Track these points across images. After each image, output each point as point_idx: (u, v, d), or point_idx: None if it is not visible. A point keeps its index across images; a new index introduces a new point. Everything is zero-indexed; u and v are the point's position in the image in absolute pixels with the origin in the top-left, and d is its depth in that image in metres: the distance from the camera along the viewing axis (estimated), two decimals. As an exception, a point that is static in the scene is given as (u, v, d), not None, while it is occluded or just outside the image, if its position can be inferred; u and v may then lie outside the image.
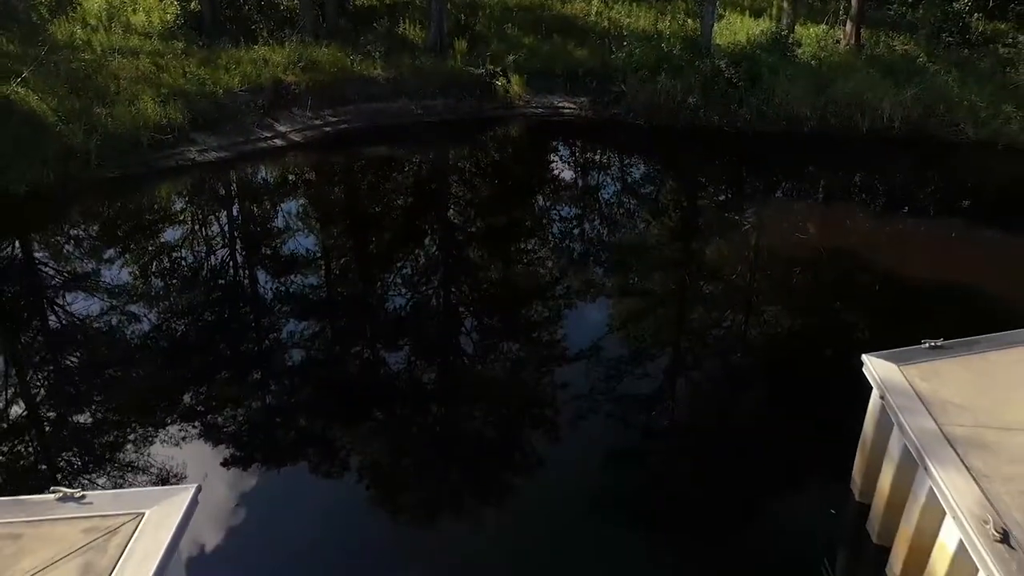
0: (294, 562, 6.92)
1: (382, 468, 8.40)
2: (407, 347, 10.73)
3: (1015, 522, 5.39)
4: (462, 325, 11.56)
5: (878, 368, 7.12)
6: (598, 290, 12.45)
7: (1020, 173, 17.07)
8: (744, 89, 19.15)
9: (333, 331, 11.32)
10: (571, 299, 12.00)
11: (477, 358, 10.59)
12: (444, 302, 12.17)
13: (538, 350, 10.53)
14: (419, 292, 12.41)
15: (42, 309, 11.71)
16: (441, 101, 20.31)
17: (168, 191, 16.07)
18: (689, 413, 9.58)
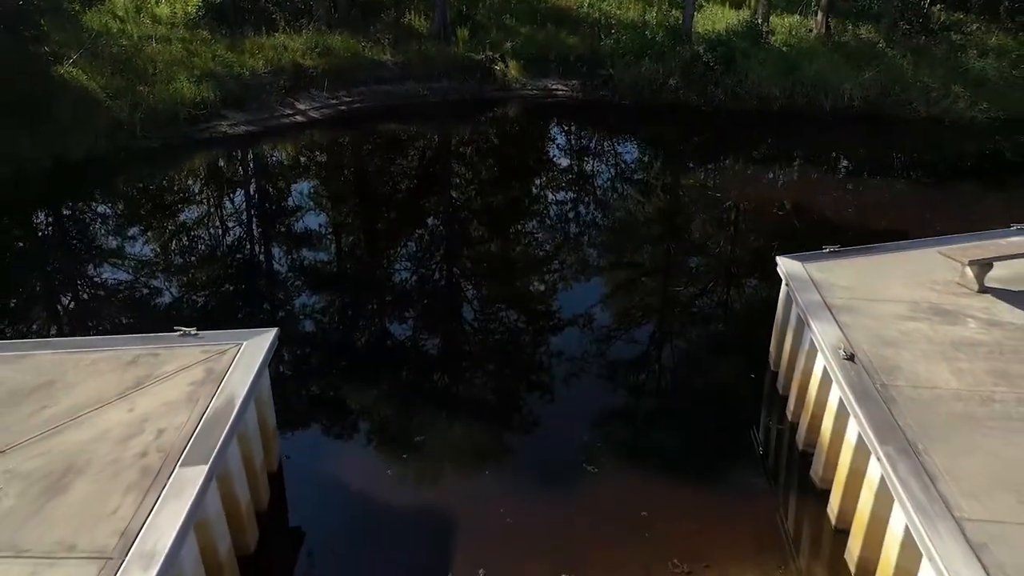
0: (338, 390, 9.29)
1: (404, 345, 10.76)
2: (415, 267, 13.13)
3: (861, 350, 7.73)
4: (462, 255, 13.93)
5: (786, 265, 9.47)
6: (584, 237, 14.82)
7: (961, 145, 19.43)
8: (720, 72, 21.54)
9: (350, 264, 13.71)
10: (560, 244, 14.37)
11: (475, 273, 12.97)
12: (446, 243, 14.55)
13: (527, 277, 12.92)
14: (426, 235, 14.83)
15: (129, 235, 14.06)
16: (445, 83, 22.72)
17: (205, 159, 18.47)
18: (652, 320, 11.91)
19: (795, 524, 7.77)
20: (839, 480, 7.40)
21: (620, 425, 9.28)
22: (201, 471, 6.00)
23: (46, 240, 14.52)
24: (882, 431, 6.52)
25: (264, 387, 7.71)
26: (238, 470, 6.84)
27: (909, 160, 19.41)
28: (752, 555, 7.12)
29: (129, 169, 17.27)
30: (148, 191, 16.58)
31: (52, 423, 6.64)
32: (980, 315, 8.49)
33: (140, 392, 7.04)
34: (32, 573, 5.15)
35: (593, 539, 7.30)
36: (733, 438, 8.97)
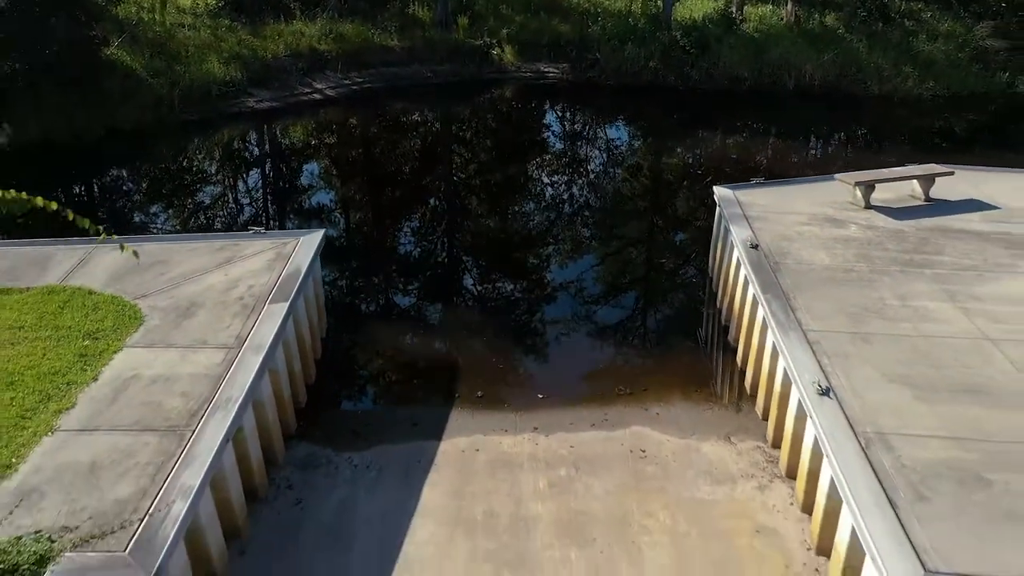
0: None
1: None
2: (422, 195, 16.00)
3: (764, 243, 10.52)
4: (462, 206, 16.76)
5: (719, 191, 12.28)
6: (571, 190, 17.65)
7: (905, 117, 22.20)
8: (695, 55, 24.36)
9: (367, 195, 16.56)
10: (550, 198, 17.20)
11: (473, 202, 15.82)
12: (448, 198, 17.38)
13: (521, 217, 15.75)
14: (431, 191, 17.68)
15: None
16: (447, 67, 25.53)
17: (242, 128, 21.34)
18: (628, 240, 14.73)
19: (713, 367, 10.63)
20: (741, 331, 10.24)
21: (590, 306, 12.17)
22: (283, 306, 8.83)
23: (142, 180, 17.68)
24: (767, 287, 9.34)
25: (317, 269, 10.53)
26: (303, 316, 9.66)
27: (857, 129, 22.21)
28: (680, 384, 9.95)
29: (177, 136, 20.07)
30: (202, 151, 19.54)
31: (172, 282, 9.48)
32: (860, 222, 11.33)
33: (231, 265, 9.87)
34: (183, 354, 7.98)
35: (560, 376, 10.16)
36: (678, 318, 11.88)
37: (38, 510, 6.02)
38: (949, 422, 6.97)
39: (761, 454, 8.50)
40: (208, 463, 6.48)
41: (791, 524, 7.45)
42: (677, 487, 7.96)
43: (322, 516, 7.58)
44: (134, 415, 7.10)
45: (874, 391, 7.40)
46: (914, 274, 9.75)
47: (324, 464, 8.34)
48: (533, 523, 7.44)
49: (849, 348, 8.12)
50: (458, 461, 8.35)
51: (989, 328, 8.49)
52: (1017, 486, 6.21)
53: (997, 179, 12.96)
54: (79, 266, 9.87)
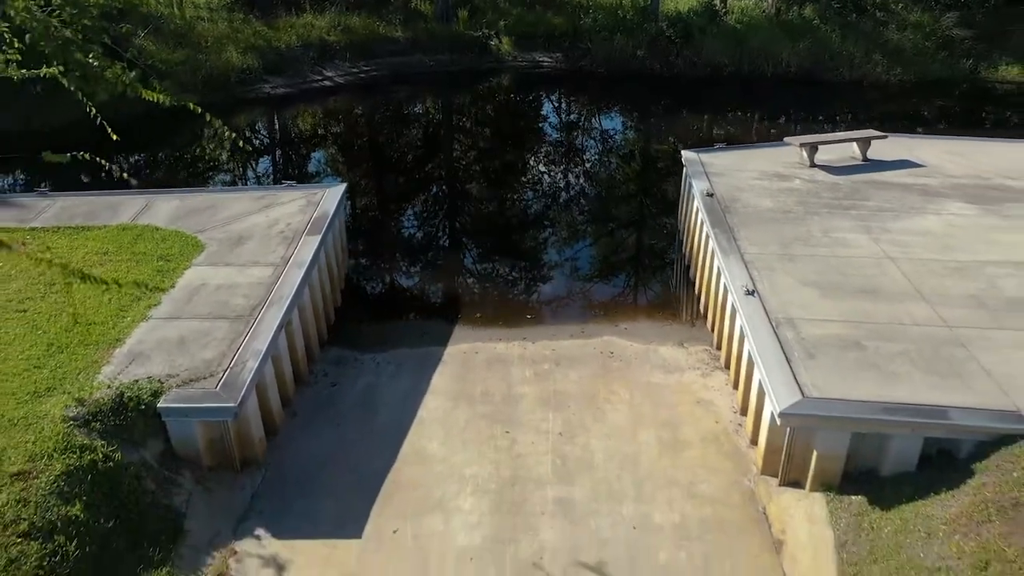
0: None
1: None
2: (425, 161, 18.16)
3: (719, 193, 12.64)
4: (462, 173, 18.92)
5: (686, 154, 14.41)
6: (563, 161, 19.81)
7: (875, 101, 24.30)
8: (680, 45, 26.52)
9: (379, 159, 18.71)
10: (544, 168, 19.36)
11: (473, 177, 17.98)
12: (449, 166, 19.54)
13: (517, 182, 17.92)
14: (434, 160, 19.84)
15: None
16: (448, 56, 27.71)
17: (256, 112, 23.51)
18: (615, 199, 16.87)
19: (675, 294, 12.79)
20: (697, 264, 12.38)
21: (575, 249, 14.39)
22: (317, 238, 10.97)
23: (185, 149, 19.99)
24: (717, 224, 11.47)
25: (341, 214, 12.66)
26: (331, 249, 11.81)
27: (829, 110, 24.33)
28: (647, 308, 12.12)
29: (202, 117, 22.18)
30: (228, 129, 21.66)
31: (223, 222, 11.63)
32: (804, 177, 13.47)
33: (270, 209, 12.02)
34: (240, 270, 10.12)
35: (546, 303, 12.31)
36: (649, 258, 14.11)
37: (147, 366, 8.16)
38: (843, 311, 9.10)
39: (707, 354, 10.62)
40: (269, 338, 8.62)
41: (724, 398, 9.58)
42: (636, 375, 10.08)
43: (353, 394, 9.71)
44: (207, 309, 9.25)
45: (789, 292, 9.54)
46: (840, 214, 11.89)
47: (352, 361, 10.47)
48: (520, 398, 9.57)
49: (775, 265, 10.25)
50: (461, 359, 10.47)
51: (891, 250, 10.63)
52: (883, 350, 8.33)
53: (928, 144, 15.11)
54: (143, 211, 12.03)
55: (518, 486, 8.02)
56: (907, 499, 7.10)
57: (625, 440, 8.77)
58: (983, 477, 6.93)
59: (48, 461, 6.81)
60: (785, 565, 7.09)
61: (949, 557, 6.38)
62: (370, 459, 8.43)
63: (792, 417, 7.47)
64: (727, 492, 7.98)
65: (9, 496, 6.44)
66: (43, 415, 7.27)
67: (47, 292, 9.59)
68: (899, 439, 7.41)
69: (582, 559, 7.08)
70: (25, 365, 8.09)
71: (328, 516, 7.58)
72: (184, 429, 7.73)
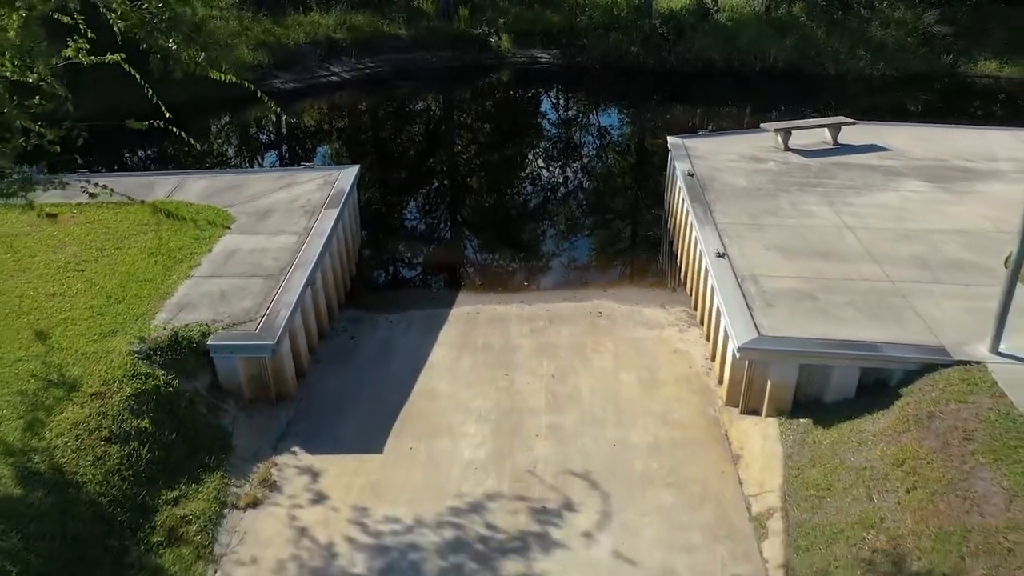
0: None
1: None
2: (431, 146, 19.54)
3: (699, 173, 14.02)
4: (464, 168, 20.30)
5: (671, 139, 15.80)
6: (560, 150, 21.20)
7: (859, 94, 25.70)
8: (672, 41, 27.93)
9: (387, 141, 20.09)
10: (543, 156, 20.75)
11: (473, 162, 19.36)
12: (452, 163, 20.92)
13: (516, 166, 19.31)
14: (437, 148, 21.24)
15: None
16: (449, 53, 29.11)
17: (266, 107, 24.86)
18: (611, 180, 18.26)
19: (659, 264, 14.16)
20: (679, 237, 13.75)
21: (570, 225, 15.85)
22: (335, 211, 12.34)
23: (211, 138, 21.12)
24: (695, 199, 12.84)
25: (354, 192, 14.03)
26: (347, 222, 13.18)
27: (816, 105, 25.70)
28: (634, 276, 13.50)
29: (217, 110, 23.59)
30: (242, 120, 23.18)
31: (250, 198, 13.01)
32: (777, 160, 14.86)
33: (291, 188, 13.40)
34: (268, 238, 11.50)
35: (543, 272, 13.71)
36: (637, 233, 15.58)
37: (194, 313, 9.53)
38: (801, 270, 10.47)
39: (685, 314, 11.99)
40: (297, 293, 9.99)
41: (698, 348, 10.95)
42: (621, 331, 11.45)
43: (370, 346, 11.08)
44: (243, 269, 10.63)
45: (755, 255, 10.91)
46: (808, 191, 13.28)
47: (368, 320, 11.85)
48: (518, 348, 10.93)
49: (745, 233, 11.63)
50: (465, 318, 11.84)
51: (850, 221, 12.01)
52: (833, 301, 9.70)
53: (896, 130, 16.52)
54: (176, 189, 13.41)
55: (515, 415, 9.39)
56: (844, 419, 8.47)
57: (609, 381, 10.14)
58: (907, 398, 8.30)
59: (119, 385, 8.18)
60: (741, 472, 8.46)
61: (874, 459, 7.75)
62: (387, 396, 9.80)
63: (749, 351, 8.85)
64: (695, 419, 9.35)
65: (91, 410, 7.81)
66: (111, 350, 8.65)
67: (99, 255, 10.96)
68: (840, 370, 8.78)
69: (569, 468, 8.45)
70: (89, 313, 9.47)
71: (353, 437, 8.96)
72: (229, 364, 9.10)
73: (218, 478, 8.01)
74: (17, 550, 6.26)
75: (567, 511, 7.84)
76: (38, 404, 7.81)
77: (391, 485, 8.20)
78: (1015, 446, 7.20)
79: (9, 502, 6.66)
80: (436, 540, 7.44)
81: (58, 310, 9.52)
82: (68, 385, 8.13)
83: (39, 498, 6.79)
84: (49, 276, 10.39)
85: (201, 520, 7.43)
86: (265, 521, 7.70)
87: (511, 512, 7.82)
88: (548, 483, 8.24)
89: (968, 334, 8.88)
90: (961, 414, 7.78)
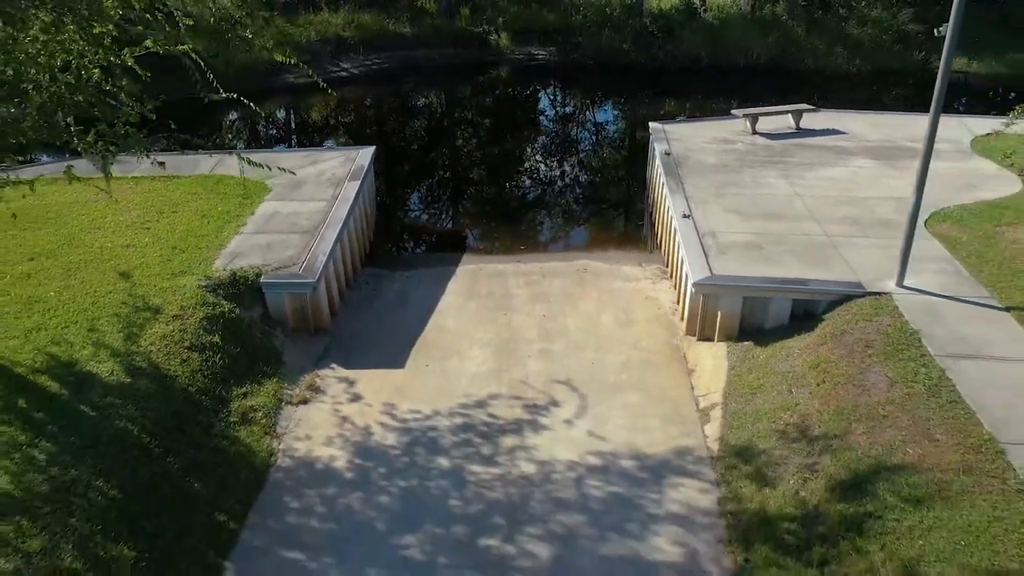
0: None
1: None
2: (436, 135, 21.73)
3: (675, 152, 16.20)
4: (467, 151, 22.49)
5: (653, 125, 18.00)
6: (556, 137, 23.41)
7: (836, 90, 27.89)
8: (662, 39, 30.14)
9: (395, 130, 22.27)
10: (540, 141, 22.95)
11: (476, 144, 21.54)
12: (455, 147, 23.12)
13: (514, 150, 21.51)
14: (442, 134, 23.46)
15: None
16: (451, 50, 31.32)
17: (283, 99, 27.14)
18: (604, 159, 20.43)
19: (640, 231, 16.33)
20: (656, 207, 15.94)
21: (562, 199, 17.97)
22: (356, 183, 14.53)
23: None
24: (669, 173, 15.03)
25: (372, 169, 16.21)
26: (366, 194, 15.37)
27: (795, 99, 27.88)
28: (616, 240, 15.67)
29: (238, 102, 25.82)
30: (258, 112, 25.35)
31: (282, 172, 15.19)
32: (745, 141, 17.06)
33: (317, 164, 15.58)
34: (301, 203, 13.68)
35: (537, 238, 15.91)
36: (621, 205, 17.76)
37: (246, 259, 11.71)
38: (753, 228, 12.65)
39: (658, 270, 14.17)
40: (330, 246, 12.17)
41: (666, 296, 13.13)
42: (603, 283, 13.63)
43: (389, 295, 13.26)
44: (282, 226, 12.82)
45: (716, 217, 13.09)
46: (769, 167, 15.47)
47: (386, 276, 14.03)
48: (515, 296, 13.11)
49: (710, 199, 13.81)
50: (469, 274, 14.02)
51: (800, 190, 14.20)
52: (775, 250, 11.87)
53: (853, 117, 18.73)
54: (217, 165, 15.61)
55: (512, 343, 11.57)
56: (778, 340, 10.66)
57: (591, 319, 12.32)
58: (827, 322, 10.48)
59: (193, 310, 10.36)
60: (693, 381, 10.64)
61: (796, 366, 9.93)
62: (405, 330, 11.98)
63: (703, 286, 11.04)
64: (660, 346, 11.53)
65: (173, 327, 9.99)
66: (183, 285, 10.84)
67: (160, 217, 13.16)
68: (776, 302, 10.97)
69: (555, 378, 10.63)
70: (160, 259, 11.66)
71: (380, 357, 11.14)
72: (278, 299, 11.29)
73: (274, 382, 10.20)
74: (135, 416, 8.43)
75: (553, 406, 10.03)
76: (132, 323, 9.99)
77: (412, 389, 10.39)
78: (902, 349, 9.40)
79: (123, 387, 8.84)
80: (449, 424, 9.63)
81: (134, 257, 11.72)
82: (152, 310, 10.31)
83: (145, 384, 8.97)
84: (121, 232, 12.59)
85: (265, 409, 9.62)
86: (314, 412, 9.89)
87: (508, 407, 10.01)
88: (538, 388, 10.43)
89: (882, 273, 11.07)
90: (866, 330, 9.97)
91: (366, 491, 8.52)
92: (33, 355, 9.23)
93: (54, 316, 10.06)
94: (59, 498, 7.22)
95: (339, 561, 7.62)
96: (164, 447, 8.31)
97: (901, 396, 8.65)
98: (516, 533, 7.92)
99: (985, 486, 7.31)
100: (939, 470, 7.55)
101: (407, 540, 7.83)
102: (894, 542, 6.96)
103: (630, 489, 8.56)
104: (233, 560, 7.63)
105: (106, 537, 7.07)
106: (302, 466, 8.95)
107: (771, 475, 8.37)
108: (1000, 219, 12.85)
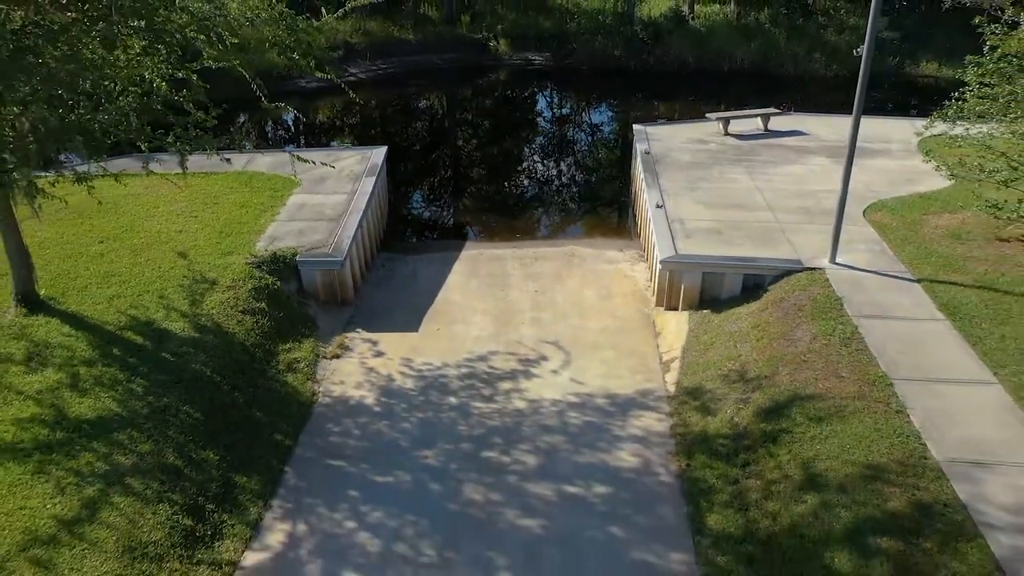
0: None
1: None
2: (438, 132, 24.04)
3: (655, 151, 18.50)
4: (468, 150, 24.79)
5: (636, 126, 20.30)
6: (551, 136, 25.71)
7: (812, 91, 30.22)
8: (652, 45, 32.47)
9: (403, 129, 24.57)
10: (537, 140, 25.25)
11: (477, 143, 23.84)
12: (457, 146, 25.43)
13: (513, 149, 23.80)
14: (447, 135, 25.78)
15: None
16: (453, 55, 33.66)
17: (299, 102, 29.40)
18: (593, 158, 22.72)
19: (622, 222, 18.63)
20: (637, 200, 18.24)
21: (555, 193, 20.26)
22: (372, 179, 16.83)
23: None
24: (648, 169, 17.34)
25: (384, 167, 18.50)
26: (380, 188, 17.66)
27: (776, 102, 30.22)
28: (601, 230, 17.98)
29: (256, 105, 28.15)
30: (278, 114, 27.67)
31: (306, 169, 17.49)
32: (717, 142, 19.37)
33: (337, 162, 17.87)
34: (326, 196, 15.99)
35: (530, 227, 18.23)
36: (607, 199, 20.00)
37: (283, 242, 14.01)
38: (716, 216, 14.95)
39: (637, 255, 16.47)
40: (353, 231, 14.47)
41: (642, 275, 15.42)
42: (588, 265, 15.93)
43: (402, 275, 15.56)
44: (311, 215, 15.12)
45: (685, 207, 15.40)
46: (736, 165, 17.77)
47: (399, 260, 16.32)
48: (511, 275, 15.40)
49: (681, 192, 16.12)
50: (471, 258, 16.31)
51: (761, 184, 16.51)
52: (733, 234, 14.16)
53: (817, 119, 21.06)
54: (248, 163, 17.91)
55: (509, 313, 13.87)
56: (730, 307, 12.96)
57: (576, 294, 14.62)
58: (770, 292, 12.78)
59: (243, 282, 12.66)
60: (659, 341, 12.95)
61: (742, 327, 12.23)
62: (417, 302, 14.28)
63: (668, 263, 13.35)
64: (633, 315, 13.84)
65: (228, 295, 12.29)
66: (233, 263, 13.14)
67: (204, 208, 15.47)
68: (730, 277, 13.27)
69: (545, 339, 12.93)
70: (209, 242, 13.96)
71: (397, 323, 13.45)
72: (310, 275, 13.59)
73: (311, 341, 12.50)
74: (206, 361, 10.73)
75: (542, 360, 12.34)
76: (194, 292, 12.29)
77: (426, 346, 12.70)
78: (826, 311, 11.70)
79: (194, 340, 11.14)
80: (456, 373, 11.94)
81: (187, 240, 14.02)
82: (209, 282, 12.61)
83: (210, 339, 11.27)
84: (172, 220, 14.90)
85: (306, 361, 11.93)
86: (345, 364, 12.20)
87: (505, 361, 12.32)
88: (530, 347, 12.73)
89: (819, 252, 13.38)
90: (800, 297, 12.28)
91: (391, 420, 10.83)
92: (117, 317, 11.54)
93: (129, 287, 12.37)
94: (157, 417, 9.53)
95: (373, 467, 9.92)
96: (231, 384, 10.62)
97: (820, 346, 10.95)
98: (511, 448, 10.23)
99: (873, 409, 9.61)
100: (840, 398, 9.86)
101: (425, 453, 10.14)
102: (798, 448, 9.26)
103: (602, 419, 10.87)
104: (291, 466, 9.93)
105: (196, 445, 9.38)
106: (339, 403, 11.25)
107: (713, 407, 10.68)
108: (928, 209, 15.18)
